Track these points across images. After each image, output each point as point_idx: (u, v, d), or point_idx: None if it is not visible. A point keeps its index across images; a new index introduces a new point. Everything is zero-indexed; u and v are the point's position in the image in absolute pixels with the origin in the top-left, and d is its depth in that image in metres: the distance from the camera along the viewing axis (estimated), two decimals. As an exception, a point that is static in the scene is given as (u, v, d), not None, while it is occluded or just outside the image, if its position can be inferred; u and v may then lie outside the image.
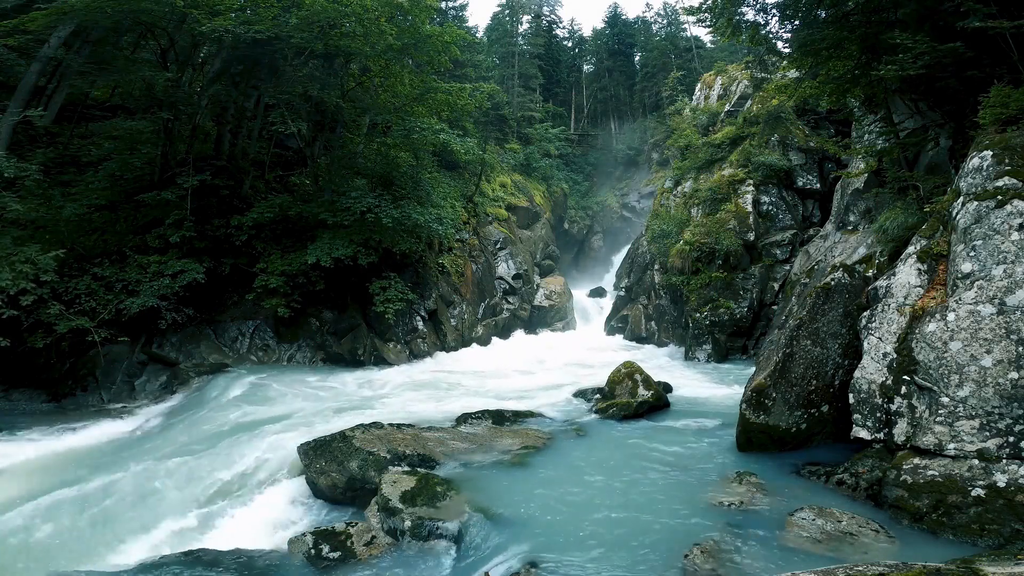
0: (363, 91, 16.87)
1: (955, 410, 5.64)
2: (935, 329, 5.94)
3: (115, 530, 6.39)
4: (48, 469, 8.00)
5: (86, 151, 13.89)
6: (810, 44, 9.84)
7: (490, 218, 24.69)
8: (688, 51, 42.94)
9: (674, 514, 5.75)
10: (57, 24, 11.69)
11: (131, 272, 12.20)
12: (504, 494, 6.30)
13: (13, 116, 11.40)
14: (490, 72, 35.54)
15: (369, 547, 5.58)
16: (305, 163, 16.84)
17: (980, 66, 7.75)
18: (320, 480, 7.10)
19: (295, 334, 14.52)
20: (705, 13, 11.94)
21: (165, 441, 9.22)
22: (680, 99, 32.45)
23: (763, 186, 17.90)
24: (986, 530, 5.02)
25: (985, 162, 6.30)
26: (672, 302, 19.02)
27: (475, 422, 8.99)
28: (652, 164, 35.71)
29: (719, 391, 11.85)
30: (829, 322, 7.51)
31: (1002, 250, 5.70)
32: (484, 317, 21.04)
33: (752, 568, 4.70)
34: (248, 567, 5.37)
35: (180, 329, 13.15)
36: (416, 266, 17.06)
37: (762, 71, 20.99)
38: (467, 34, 25.05)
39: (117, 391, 11.80)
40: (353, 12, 13.79)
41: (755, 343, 16.09)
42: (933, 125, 9.73)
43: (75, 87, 13.84)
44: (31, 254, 10.17)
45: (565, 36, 52.37)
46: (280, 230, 14.85)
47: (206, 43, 14.40)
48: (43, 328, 10.81)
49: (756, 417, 7.32)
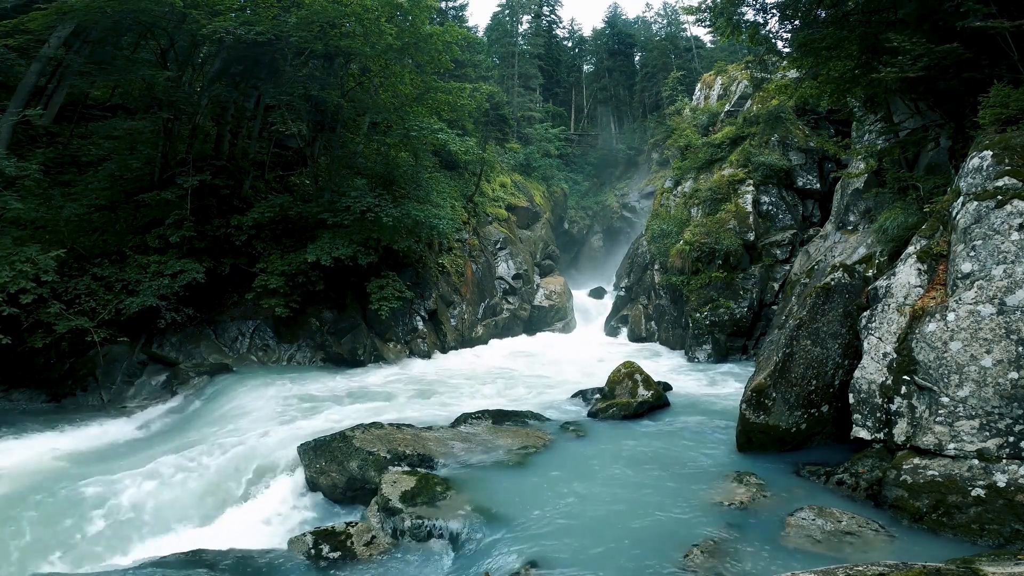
0: (363, 91, 16.86)
1: (955, 410, 5.64)
2: (935, 329, 5.94)
3: (115, 530, 6.39)
4: (48, 469, 7.99)
5: (86, 151, 13.87)
6: (810, 44, 9.82)
7: (490, 218, 24.68)
8: (688, 51, 42.96)
9: (674, 514, 5.74)
10: (57, 24, 11.69)
11: (131, 272, 12.19)
12: (504, 494, 6.30)
13: (13, 116, 11.40)
14: (490, 72, 35.55)
15: (369, 547, 5.58)
16: (305, 163, 16.84)
17: (980, 66, 7.75)
18: (320, 480, 7.10)
19: (295, 334, 14.52)
20: (705, 13, 11.93)
21: (165, 441, 9.23)
22: (680, 99, 32.45)
23: (763, 186, 17.90)
24: (986, 530, 5.02)
25: (985, 162, 6.30)
26: (672, 302, 19.02)
27: (475, 422, 8.99)
28: (652, 164, 35.70)
29: (719, 391, 11.85)
30: (829, 322, 7.51)
31: (1002, 250, 5.70)
32: (484, 317, 21.04)
33: (752, 568, 4.70)
34: (248, 567, 5.36)
35: (180, 329, 13.15)
36: (416, 266, 17.06)
37: (762, 71, 20.96)
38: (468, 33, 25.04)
39: (117, 391, 11.79)
40: (353, 12, 13.80)
41: (755, 343, 16.09)
42: (933, 125, 9.73)
43: (75, 87, 13.84)
44: (31, 254, 10.17)
45: (565, 36, 52.41)
46: (280, 230, 14.85)
47: (206, 43, 14.39)
48: (43, 328, 10.81)
49: (756, 417, 7.32)
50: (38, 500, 6.79)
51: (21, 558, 5.89)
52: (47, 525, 6.29)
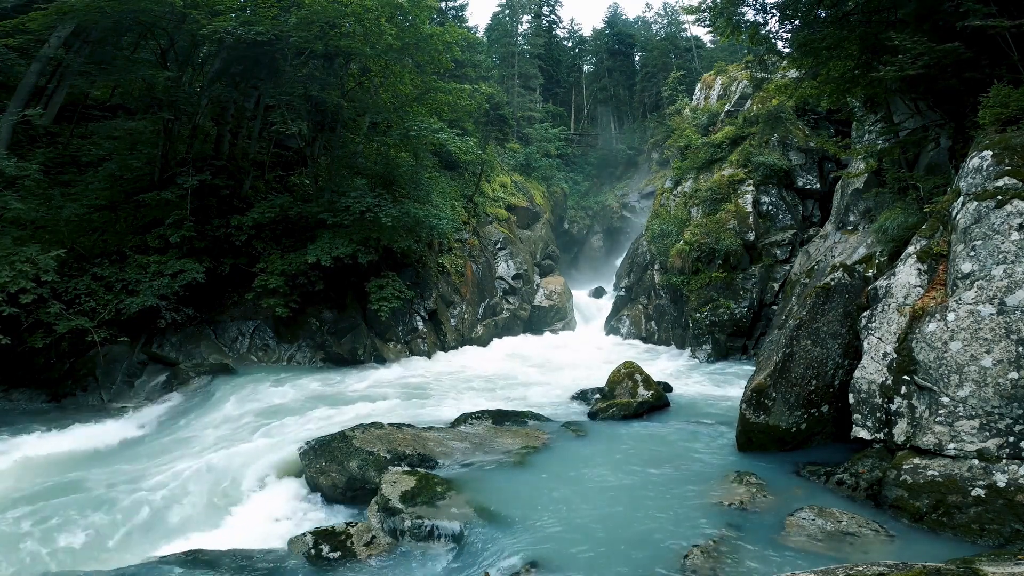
0: (363, 91, 16.87)
1: (955, 410, 5.63)
2: (935, 329, 5.94)
3: (115, 530, 6.39)
4: (48, 469, 8.00)
5: (86, 151, 13.87)
6: (810, 44, 9.82)
7: (490, 218, 24.68)
8: (688, 51, 42.94)
9: (674, 514, 5.74)
10: (57, 24, 11.68)
11: (131, 272, 12.19)
12: (504, 494, 6.30)
13: (13, 116, 11.40)
14: (490, 72, 35.54)
15: (369, 547, 5.57)
16: (305, 163, 16.84)
17: (980, 66, 7.75)
18: (320, 480, 7.10)
19: (295, 334, 14.52)
20: (705, 13, 11.94)
21: (165, 441, 9.23)
22: (680, 99, 32.44)
23: (763, 186, 17.90)
24: (986, 530, 5.02)
25: (985, 162, 6.30)
26: (672, 302, 19.02)
27: (475, 422, 8.99)
28: (652, 164, 35.69)
29: (719, 391, 11.85)
30: (829, 322, 7.51)
31: (1002, 250, 5.70)
32: (484, 317, 21.04)
33: (752, 568, 4.70)
34: (248, 567, 5.36)
35: (180, 329, 13.14)
36: (416, 266, 17.06)
37: (762, 71, 20.96)
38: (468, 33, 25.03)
39: (117, 391, 11.79)
40: (353, 12, 13.79)
41: (755, 343, 16.09)
42: (933, 125, 9.73)
43: (75, 87, 13.84)
44: (31, 254, 10.17)
45: (565, 36, 52.35)
46: (280, 230, 14.85)
47: (206, 43, 14.39)
48: (43, 328, 10.80)
49: (756, 417, 7.32)
50: (38, 500, 6.79)
51: (19, 557, 5.89)
52: (47, 525, 6.29)
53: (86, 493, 6.96)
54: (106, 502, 6.71)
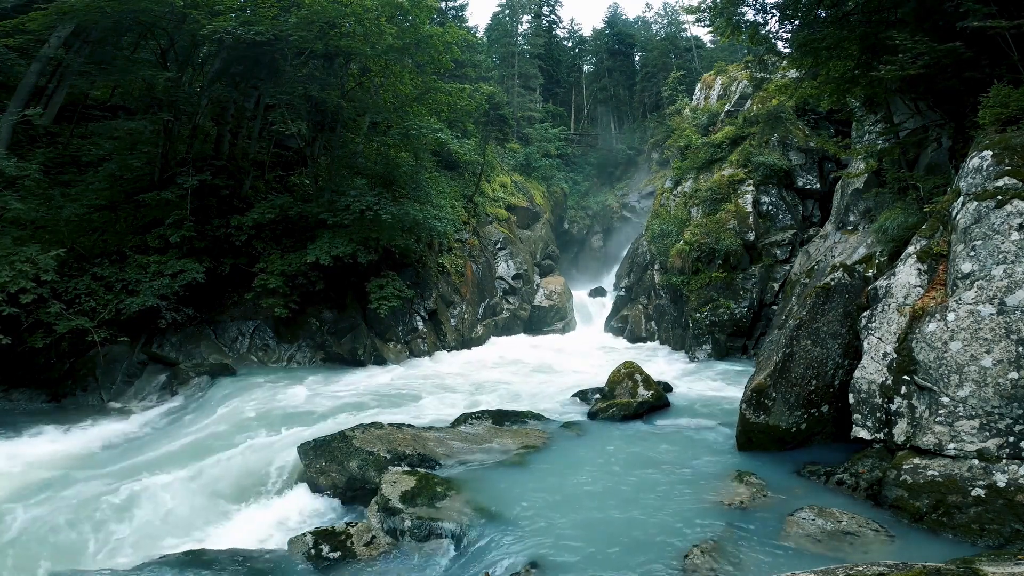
0: (363, 91, 16.86)
1: (955, 410, 5.63)
2: (935, 329, 5.94)
3: (115, 529, 6.38)
4: (48, 469, 7.99)
5: (86, 151, 13.86)
6: (810, 44, 9.82)
7: (490, 218, 24.69)
8: (688, 51, 42.95)
9: (674, 514, 5.74)
10: (57, 24, 11.68)
11: (131, 272, 12.19)
12: (504, 494, 6.30)
13: (13, 116, 11.39)
14: (490, 72, 35.55)
15: (369, 547, 5.57)
16: (305, 163, 16.84)
17: (980, 66, 7.75)
18: (320, 480, 7.10)
19: (295, 334, 14.52)
20: (705, 13, 11.94)
21: (165, 441, 9.22)
22: (680, 99, 32.45)
23: (763, 186, 17.90)
24: (986, 530, 5.02)
25: (985, 162, 6.30)
26: (672, 302, 19.02)
27: (475, 422, 8.98)
28: (652, 164, 35.69)
29: (719, 391, 11.85)
30: (829, 322, 7.51)
31: (1002, 250, 5.70)
32: (484, 317, 21.04)
33: (752, 568, 4.70)
34: (248, 567, 5.36)
35: (180, 329, 13.14)
36: (416, 266, 17.06)
37: (762, 71, 20.96)
38: (468, 34, 25.02)
39: (117, 391, 11.79)
40: (353, 12, 13.80)
41: (755, 343, 16.09)
42: (933, 125, 9.73)
43: (75, 87, 13.83)
44: (31, 254, 10.16)
45: (565, 36, 52.37)
46: (280, 230, 14.85)
47: (206, 43, 14.39)
48: (43, 328, 10.80)
49: (756, 417, 7.32)
50: (37, 500, 6.79)
51: (19, 558, 5.89)
52: (47, 525, 6.28)
53: (85, 493, 6.95)
54: (105, 502, 6.70)
